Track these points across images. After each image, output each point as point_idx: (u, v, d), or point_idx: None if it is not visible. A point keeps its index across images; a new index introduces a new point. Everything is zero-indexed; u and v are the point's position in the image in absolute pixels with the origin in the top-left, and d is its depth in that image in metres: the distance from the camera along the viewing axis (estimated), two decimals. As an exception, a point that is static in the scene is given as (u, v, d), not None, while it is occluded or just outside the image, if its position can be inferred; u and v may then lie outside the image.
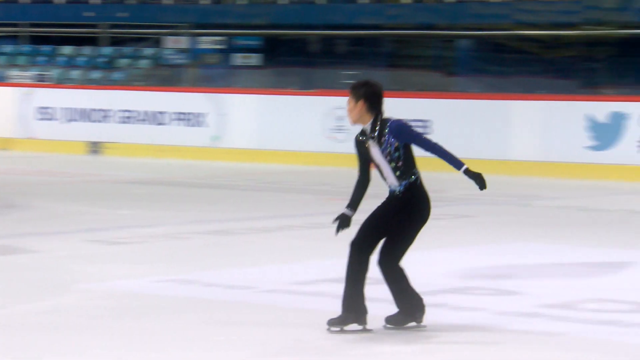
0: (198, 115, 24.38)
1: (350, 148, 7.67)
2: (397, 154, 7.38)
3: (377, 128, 7.39)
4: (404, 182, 7.39)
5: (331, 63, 27.39)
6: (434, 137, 23.67)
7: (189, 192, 19.49)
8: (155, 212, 15.97)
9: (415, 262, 11.25)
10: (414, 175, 7.43)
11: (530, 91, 23.17)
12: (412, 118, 22.61)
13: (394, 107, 24.97)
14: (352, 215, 7.46)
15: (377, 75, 25.59)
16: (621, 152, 20.12)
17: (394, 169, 7.39)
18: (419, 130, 8.21)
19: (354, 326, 7.35)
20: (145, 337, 7.56)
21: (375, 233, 7.46)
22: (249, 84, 27.03)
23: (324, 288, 9.31)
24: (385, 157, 7.38)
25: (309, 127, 23.26)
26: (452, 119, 22.44)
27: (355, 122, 7.50)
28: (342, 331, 7.34)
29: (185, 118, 24.51)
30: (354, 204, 7.52)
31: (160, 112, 24.67)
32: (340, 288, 7.50)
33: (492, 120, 22.30)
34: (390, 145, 7.35)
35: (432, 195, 7.44)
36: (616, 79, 23.92)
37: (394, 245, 7.44)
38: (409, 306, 7.48)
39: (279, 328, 7.84)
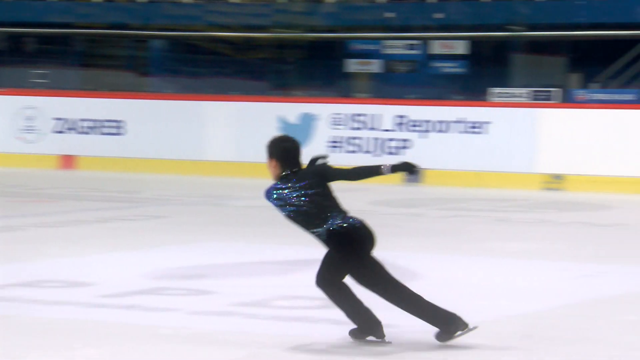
0: None
1: (41, 148, 7.34)
2: (310, 196, 7.31)
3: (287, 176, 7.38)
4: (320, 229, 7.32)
5: (20, 61, 26.55)
6: (128, 137, 22.66)
7: None
8: None
9: (108, 264, 11.13)
10: (329, 221, 7.32)
11: (223, 92, 23.36)
12: (106, 118, 22.45)
13: (88, 108, 24.53)
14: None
15: (69, 74, 25.17)
16: (312, 151, 20.47)
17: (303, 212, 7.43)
18: None
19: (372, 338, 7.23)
20: None
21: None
22: None
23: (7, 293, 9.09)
24: (298, 198, 7.39)
25: (-3, 127, 22.61)
26: (145, 120, 22.47)
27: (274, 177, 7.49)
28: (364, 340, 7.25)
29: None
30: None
31: None
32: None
33: (186, 120, 22.38)
34: (306, 187, 7.31)
35: (125, 196, 7.29)
36: (305, 80, 24.44)
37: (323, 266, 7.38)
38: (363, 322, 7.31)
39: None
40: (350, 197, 17.81)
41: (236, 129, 22.09)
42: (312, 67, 24.85)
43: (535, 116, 20.46)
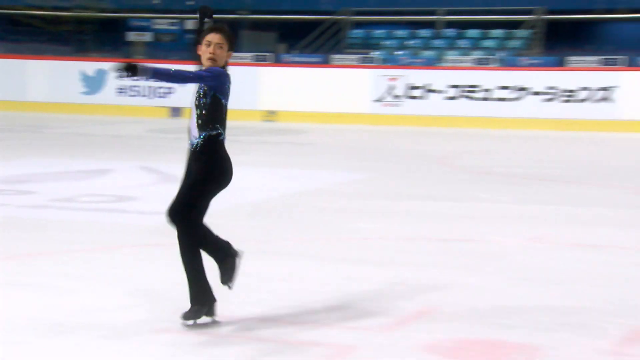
0: None
1: None
2: (203, 101, 4.88)
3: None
4: (203, 134, 4.85)
5: None
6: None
7: None
8: None
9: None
10: (216, 131, 4.87)
11: (39, 54, 22.93)
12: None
13: None
14: (142, 68, 4.50)
15: None
16: (104, 97, 21.27)
17: (198, 117, 4.86)
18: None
19: (204, 319, 4.86)
20: None
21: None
22: None
23: None
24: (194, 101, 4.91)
25: None
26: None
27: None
28: (195, 325, 4.81)
29: None
30: (151, 68, 4.61)
31: None
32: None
33: (11, 73, 21.95)
34: (201, 89, 4.89)
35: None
36: (99, 47, 24.52)
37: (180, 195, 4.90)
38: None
39: None
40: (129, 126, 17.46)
41: (50, 78, 21.87)
42: (103, 37, 24.87)
43: (256, 72, 20.47)
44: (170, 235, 4.97)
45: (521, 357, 4.56)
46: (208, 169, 4.88)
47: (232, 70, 5.03)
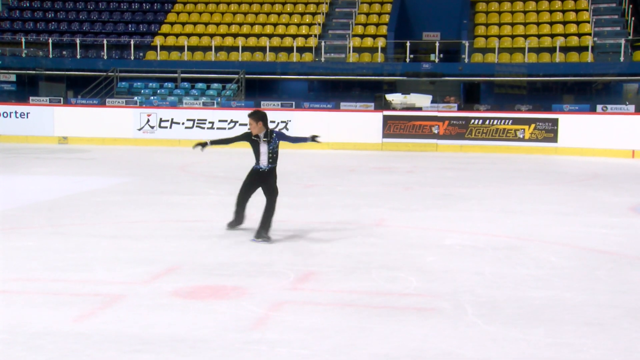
0: None
1: None
2: (276, 149, 6.36)
3: (267, 134, 6.32)
4: (270, 166, 6.34)
5: None
6: None
7: None
8: None
9: None
10: (276, 163, 6.39)
11: None
12: None
13: None
14: (208, 144, 6.39)
15: None
16: None
17: (269, 157, 6.32)
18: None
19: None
20: None
21: (249, 190, 6.49)
22: None
23: None
24: (268, 150, 6.31)
25: None
26: None
27: (256, 132, 6.26)
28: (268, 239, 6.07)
29: None
30: (216, 141, 6.45)
31: None
32: None
33: None
34: (275, 144, 6.34)
35: None
36: None
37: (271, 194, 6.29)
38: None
39: None
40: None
41: None
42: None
43: (52, 110, 19.28)
44: None
45: (235, 293, 4.46)
46: (275, 181, 6.37)
47: (39, 110, 4.98)
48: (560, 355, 3.46)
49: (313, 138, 6.42)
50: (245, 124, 19.09)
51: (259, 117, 6.28)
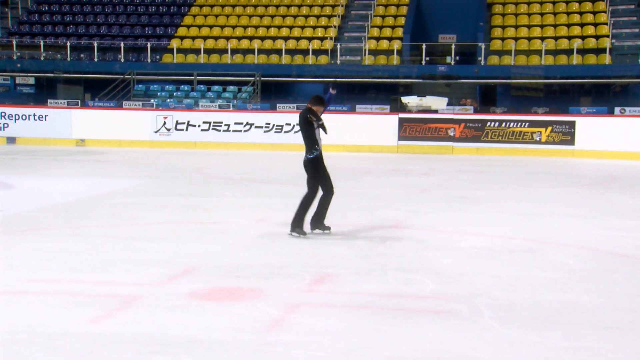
0: None
1: None
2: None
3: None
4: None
5: None
6: None
7: None
8: None
9: None
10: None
11: None
12: None
13: None
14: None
15: None
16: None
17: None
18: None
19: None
20: None
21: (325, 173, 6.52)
22: None
23: None
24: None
25: None
26: None
27: (317, 118, 6.30)
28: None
29: None
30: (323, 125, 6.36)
31: None
32: None
33: None
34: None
35: None
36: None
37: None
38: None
39: None
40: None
41: None
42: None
43: (70, 113, 19.47)
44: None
45: (250, 295, 4.45)
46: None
47: (57, 112, 4.97)
48: (578, 359, 3.43)
49: (332, 88, 6.58)
50: (261, 127, 19.16)
51: (321, 101, 6.40)
